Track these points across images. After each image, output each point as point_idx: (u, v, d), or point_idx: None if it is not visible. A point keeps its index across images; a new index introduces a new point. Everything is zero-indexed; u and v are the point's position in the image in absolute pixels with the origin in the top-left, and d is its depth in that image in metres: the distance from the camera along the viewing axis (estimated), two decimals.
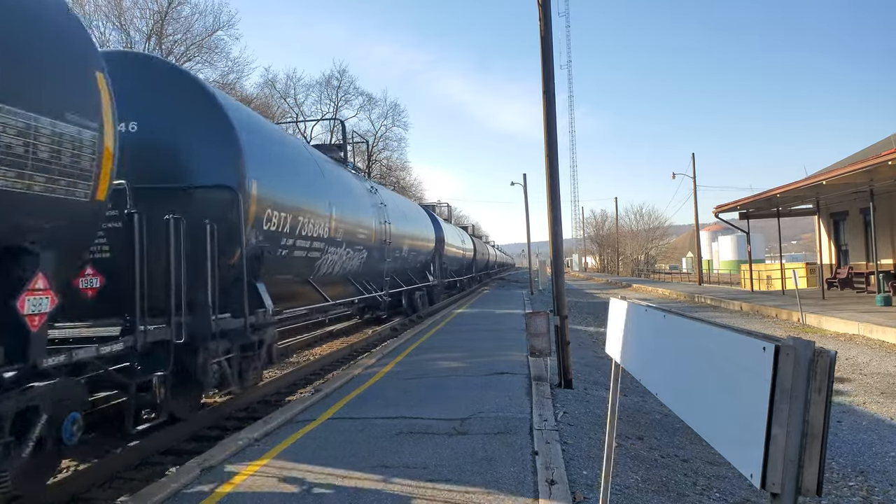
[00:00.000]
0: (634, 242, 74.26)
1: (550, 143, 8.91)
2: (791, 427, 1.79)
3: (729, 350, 2.20)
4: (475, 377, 8.71)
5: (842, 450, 6.28)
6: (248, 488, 4.58)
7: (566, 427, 6.20)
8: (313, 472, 4.90)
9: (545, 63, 8.87)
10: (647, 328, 3.44)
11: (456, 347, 11.76)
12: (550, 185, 8.93)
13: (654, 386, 3.21)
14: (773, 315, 18.83)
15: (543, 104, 8.92)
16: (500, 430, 5.91)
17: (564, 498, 4.22)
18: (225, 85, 32.95)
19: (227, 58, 37.58)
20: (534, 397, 7.29)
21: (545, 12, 8.88)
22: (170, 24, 31.81)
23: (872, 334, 13.17)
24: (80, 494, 5.37)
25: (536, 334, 9.16)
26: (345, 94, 48.92)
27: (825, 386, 1.79)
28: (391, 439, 5.72)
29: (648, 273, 65.31)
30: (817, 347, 1.81)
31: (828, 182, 17.89)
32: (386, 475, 4.75)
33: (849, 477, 5.53)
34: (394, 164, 54.64)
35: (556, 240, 9.05)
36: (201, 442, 6.99)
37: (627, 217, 79.58)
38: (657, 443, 6.18)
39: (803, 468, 1.78)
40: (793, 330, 15.31)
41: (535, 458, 5.07)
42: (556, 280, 9.00)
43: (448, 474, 4.73)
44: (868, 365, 10.45)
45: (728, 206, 26.37)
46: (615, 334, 4.26)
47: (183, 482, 4.70)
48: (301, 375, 10.70)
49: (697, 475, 5.23)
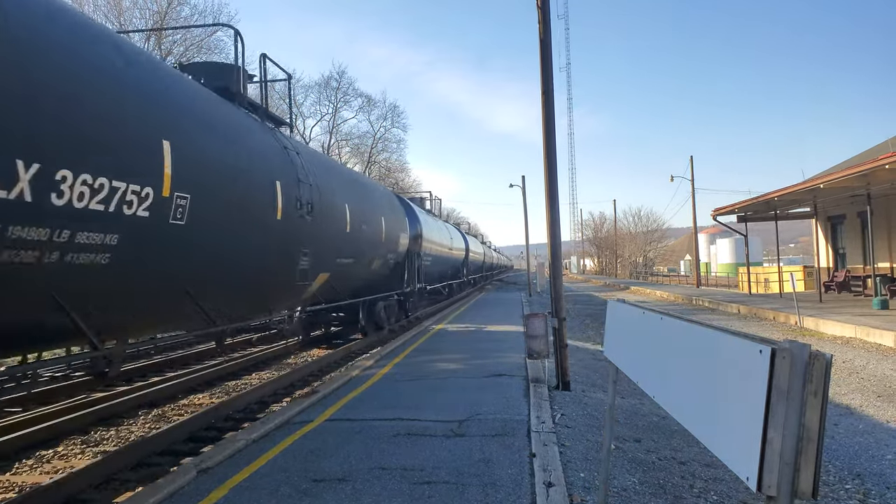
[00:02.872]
0: (633, 245, 74.37)
1: (549, 144, 8.93)
2: (787, 430, 1.80)
3: (725, 353, 2.21)
4: (473, 379, 8.70)
5: (838, 453, 6.29)
6: (246, 490, 4.58)
7: (564, 429, 6.20)
8: (311, 473, 4.89)
9: (544, 65, 8.88)
10: (645, 331, 3.45)
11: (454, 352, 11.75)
12: (549, 187, 8.95)
13: (652, 388, 3.22)
14: (771, 318, 18.85)
15: (542, 105, 8.93)
16: (497, 432, 5.91)
17: (562, 500, 4.22)
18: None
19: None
20: (531, 399, 7.29)
21: (544, 15, 8.90)
22: (169, 25, 31.84)
23: (869, 337, 13.20)
24: (76, 496, 5.36)
25: (534, 336, 9.17)
26: (344, 96, 48.94)
27: (821, 389, 1.80)
28: (389, 441, 5.72)
29: (647, 275, 65.35)
30: (813, 350, 1.82)
31: (825, 185, 17.94)
32: (384, 477, 4.75)
33: (845, 480, 5.54)
34: (393, 165, 54.72)
35: (554, 242, 9.06)
36: (198, 443, 6.99)
37: (626, 219, 79.81)
38: (654, 445, 6.19)
39: (799, 471, 1.79)
40: (790, 333, 15.33)
41: (532, 460, 5.07)
42: (555, 283, 9.01)
43: (446, 476, 4.73)
44: (865, 368, 10.47)
45: (726, 209, 26.42)
46: (613, 337, 4.27)
47: (179, 484, 4.69)
48: (298, 377, 10.68)
49: (694, 478, 5.23)
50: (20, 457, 6.53)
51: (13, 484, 5.81)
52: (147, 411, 8.57)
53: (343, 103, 49.32)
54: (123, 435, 7.48)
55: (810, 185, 18.96)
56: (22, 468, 6.28)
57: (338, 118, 49.32)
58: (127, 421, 8.09)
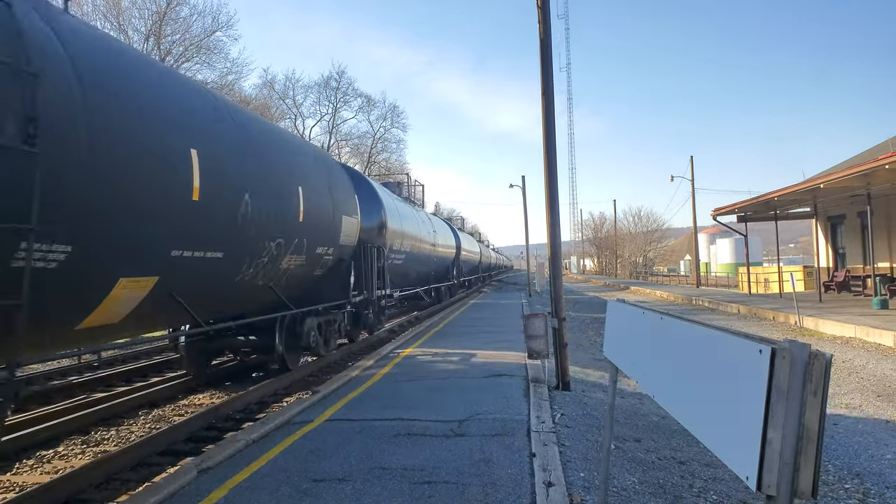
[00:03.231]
0: (633, 245, 74.39)
1: (549, 144, 8.93)
2: (787, 429, 1.80)
3: (725, 353, 2.21)
4: (473, 379, 8.71)
5: (838, 452, 6.29)
6: (246, 490, 4.58)
7: (563, 429, 6.21)
8: (311, 473, 4.90)
9: (544, 65, 8.89)
10: (645, 331, 3.46)
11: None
12: (549, 187, 8.95)
13: (651, 388, 3.22)
14: (771, 318, 18.86)
15: (542, 106, 8.94)
16: (497, 432, 5.92)
17: (562, 500, 4.23)
18: (224, 86, 32.95)
19: (225, 59, 37.67)
20: (531, 399, 7.30)
21: (544, 15, 8.91)
22: (168, 25, 31.89)
23: (869, 337, 13.21)
24: (76, 496, 5.36)
25: (534, 336, 9.17)
26: (344, 96, 48.98)
27: (821, 388, 1.80)
28: (389, 441, 5.73)
29: (646, 275, 65.37)
30: (813, 350, 1.83)
31: (825, 185, 17.95)
32: (384, 477, 4.76)
33: (845, 479, 5.54)
34: (392, 165, 54.68)
35: (554, 242, 9.07)
36: (198, 443, 6.99)
37: (626, 219, 79.81)
38: (654, 445, 6.19)
39: (799, 470, 1.80)
40: (790, 332, 15.34)
41: (532, 459, 5.08)
42: (554, 283, 9.01)
43: (446, 476, 4.73)
44: (864, 368, 10.47)
45: (726, 209, 26.43)
46: (613, 337, 4.28)
47: (180, 483, 4.70)
48: (299, 376, 10.68)
49: (694, 477, 5.24)
50: (21, 457, 6.54)
51: (14, 484, 5.82)
52: (147, 411, 8.57)
53: (343, 103, 49.41)
54: (124, 435, 7.48)
55: (810, 185, 18.98)
56: (22, 468, 6.29)
57: (337, 118, 49.37)
58: (127, 421, 8.10)
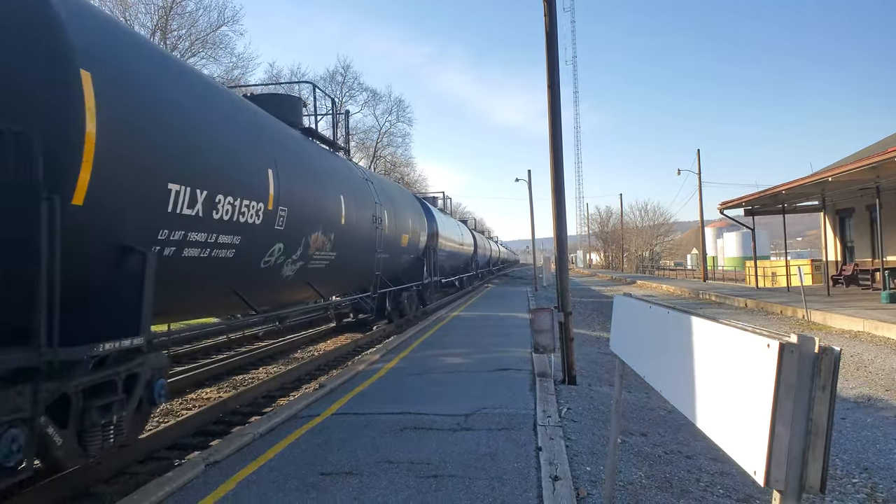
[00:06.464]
0: (639, 239, 74.12)
1: (555, 138, 8.89)
2: (795, 424, 1.79)
3: (732, 347, 2.20)
4: (479, 374, 8.72)
5: (846, 446, 6.27)
6: (254, 483, 4.61)
7: (570, 423, 6.21)
8: (318, 467, 4.92)
9: (550, 58, 8.84)
10: (652, 325, 3.44)
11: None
12: (555, 181, 8.92)
13: (658, 382, 3.21)
14: (778, 312, 18.77)
15: (548, 99, 8.90)
16: (504, 426, 5.93)
17: (568, 494, 4.23)
18: (230, 80, 32.96)
19: (231, 53, 37.63)
20: (538, 393, 7.30)
21: (550, 8, 8.86)
22: (174, 20, 31.90)
23: (878, 331, 13.13)
24: (85, 490, 5.40)
25: (541, 330, 9.17)
26: (349, 90, 48.83)
27: (829, 383, 1.79)
28: (395, 435, 5.74)
29: (653, 269, 65.16)
30: (822, 345, 1.81)
31: (833, 178, 17.79)
32: (391, 470, 4.77)
33: (852, 474, 5.52)
34: (398, 160, 54.61)
35: (560, 236, 9.04)
36: (206, 437, 7.03)
37: (632, 213, 79.44)
38: (661, 439, 6.19)
39: (807, 465, 1.79)
40: (797, 327, 15.27)
41: (538, 453, 5.08)
42: (561, 277, 8.99)
43: (453, 470, 4.75)
44: (873, 362, 10.42)
45: (733, 203, 26.28)
46: (620, 331, 4.27)
47: (188, 477, 4.73)
48: (305, 371, 10.73)
49: (701, 472, 5.23)
50: None
51: None
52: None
53: (348, 97, 49.27)
54: None
55: (818, 179, 18.82)
56: None
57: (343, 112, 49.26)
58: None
